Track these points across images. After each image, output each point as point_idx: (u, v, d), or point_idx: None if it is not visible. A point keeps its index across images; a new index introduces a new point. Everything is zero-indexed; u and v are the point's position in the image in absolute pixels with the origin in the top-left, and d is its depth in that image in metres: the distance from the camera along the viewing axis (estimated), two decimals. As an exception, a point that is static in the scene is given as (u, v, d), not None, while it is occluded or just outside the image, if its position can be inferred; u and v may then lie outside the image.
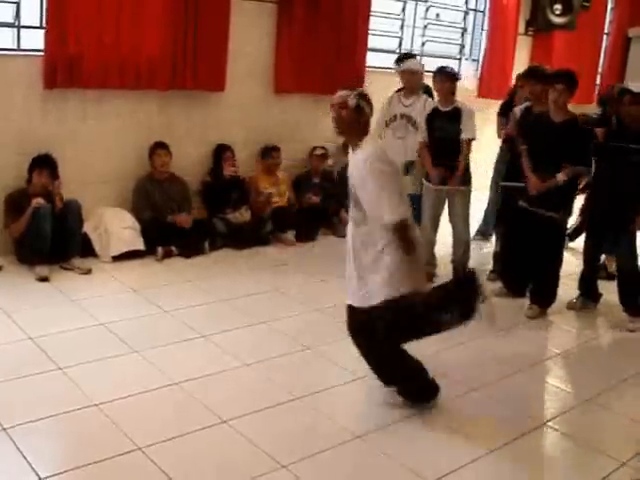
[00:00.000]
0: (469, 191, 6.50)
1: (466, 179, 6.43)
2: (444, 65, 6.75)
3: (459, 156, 6.27)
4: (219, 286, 6.04)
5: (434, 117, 6.37)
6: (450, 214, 6.57)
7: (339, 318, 5.49)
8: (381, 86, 7.63)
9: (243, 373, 4.52)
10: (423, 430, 4.05)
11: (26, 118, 6.25)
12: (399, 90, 7.23)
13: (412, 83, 6.79)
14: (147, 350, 4.65)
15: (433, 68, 6.73)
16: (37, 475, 3.28)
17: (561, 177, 5.56)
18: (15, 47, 6.23)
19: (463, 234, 6.62)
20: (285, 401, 4.19)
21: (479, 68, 10.07)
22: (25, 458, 3.40)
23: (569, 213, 5.82)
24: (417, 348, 4.25)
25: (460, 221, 6.56)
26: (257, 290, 6.02)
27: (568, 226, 6.39)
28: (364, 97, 4.25)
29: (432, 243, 6.61)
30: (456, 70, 6.69)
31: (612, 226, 5.81)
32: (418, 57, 8.91)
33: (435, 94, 6.78)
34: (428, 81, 6.90)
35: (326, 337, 5.16)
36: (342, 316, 5.54)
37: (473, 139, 6.33)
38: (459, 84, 6.52)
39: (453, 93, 6.39)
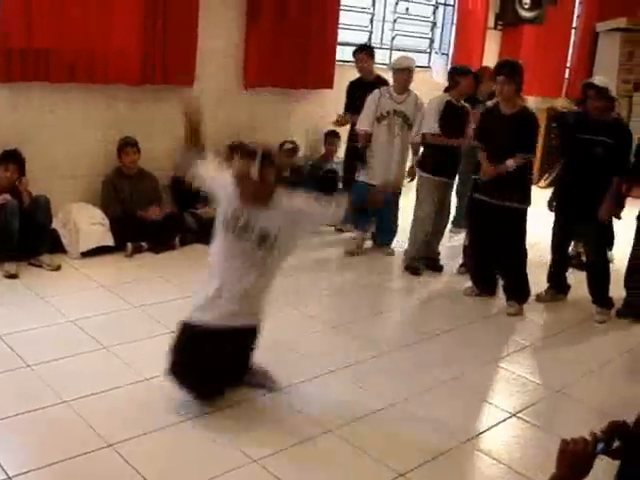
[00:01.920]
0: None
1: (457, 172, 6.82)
2: (464, 64, 7.00)
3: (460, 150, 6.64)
4: (189, 281, 5.96)
5: (449, 110, 6.47)
6: (440, 205, 6.73)
7: (311, 311, 5.55)
8: (348, 80, 7.68)
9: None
10: (395, 422, 4.07)
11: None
12: (353, 85, 7.34)
13: (406, 81, 6.80)
14: (116, 346, 4.62)
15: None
16: (6, 474, 3.25)
17: (510, 162, 5.62)
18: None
19: (443, 226, 6.93)
20: (259, 395, 4.19)
21: (448, 62, 10.10)
22: (-7, 456, 3.38)
23: (527, 203, 5.84)
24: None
25: (446, 213, 6.86)
26: (228, 285, 6.00)
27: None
28: (266, 161, 3.92)
29: (428, 234, 6.72)
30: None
31: (579, 218, 5.86)
32: (387, 51, 8.96)
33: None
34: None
35: (296, 332, 5.19)
36: (315, 310, 5.60)
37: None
38: (428, 77, 6.61)
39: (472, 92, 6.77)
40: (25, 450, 3.56)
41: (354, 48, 7.81)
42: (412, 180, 6.97)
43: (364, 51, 7.68)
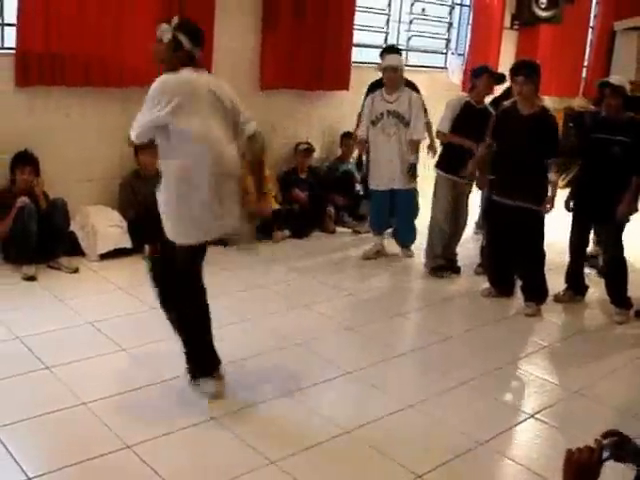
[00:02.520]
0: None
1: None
2: (487, 65, 6.96)
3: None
4: (207, 283, 6.01)
5: (467, 112, 6.46)
6: (457, 205, 6.69)
7: (325, 313, 5.55)
8: (367, 81, 7.66)
9: (230, 370, 4.51)
10: (413, 423, 4.06)
11: (8, 116, 6.22)
12: (373, 86, 7.26)
13: (394, 80, 6.74)
14: (135, 348, 4.64)
15: (420, 63, 6.79)
16: (26, 475, 3.27)
17: (554, 178, 5.63)
18: (-1, 45, 6.22)
19: (464, 225, 6.86)
20: (274, 397, 4.19)
21: (465, 62, 10.07)
22: (14, 458, 3.39)
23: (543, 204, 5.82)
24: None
25: (464, 213, 6.78)
26: (244, 287, 6.02)
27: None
28: (183, 29, 4.05)
29: (445, 234, 6.68)
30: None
31: (597, 218, 5.84)
32: (403, 52, 8.93)
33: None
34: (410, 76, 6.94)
35: (311, 333, 5.19)
36: (328, 311, 5.61)
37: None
38: (446, 77, 6.57)
39: (490, 93, 6.71)
40: (44, 451, 3.58)
41: (381, 49, 7.78)
42: (412, 178, 6.85)
43: (394, 52, 7.63)
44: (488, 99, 6.86)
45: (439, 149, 6.87)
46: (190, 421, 3.84)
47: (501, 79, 6.62)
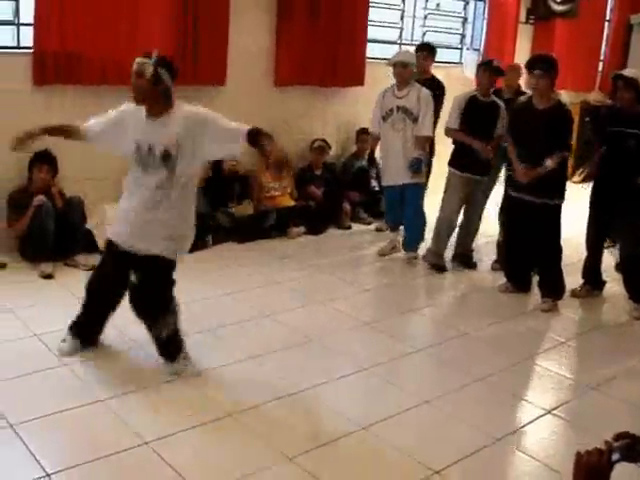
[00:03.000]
0: (492, 181, 6.68)
1: (490, 169, 6.60)
2: (491, 59, 6.89)
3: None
4: (222, 279, 6.06)
5: (474, 106, 6.38)
6: (469, 202, 6.63)
7: (341, 309, 5.56)
8: (382, 77, 7.63)
9: (247, 366, 4.53)
10: (430, 419, 4.06)
11: (26, 115, 6.24)
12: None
13: (403, 75, 6.67)
14: (151, 344, 4.65)
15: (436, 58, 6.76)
16: (44, 471, 3.29)
17: (549, 163, 5.56)
18: (15, 45, 6.23)
19: (477, 222, 6.77)
20: (290, 393, 4.20)
21: (480, 57, 10.03)
22: (32, 454, 3.41)
23: (562, 198, 5.79)
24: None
25: (477, 210, 6.70)
26: (260, 283, 6.03)
27: None
28: (164, 64, 4.06)
29: (450, 232, 6.67)
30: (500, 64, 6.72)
31: (614, 212, 5.81)
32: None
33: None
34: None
35: (327, 329, 5.19)
36: (344, 307, 5.61)
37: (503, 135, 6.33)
38: (461, 73, 6.53)
39: (493, 86, 6.53)
40: (62, 448, 3.61)
41: (416, 46, 7.80)
42: (416, 174, 6.69)
43: (425, 49, 7.64)
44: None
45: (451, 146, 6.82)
46: (207, 417, 3.85)
47: (499, 72, 6.50)
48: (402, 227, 7.20)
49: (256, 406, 4.02)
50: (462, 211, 6.70)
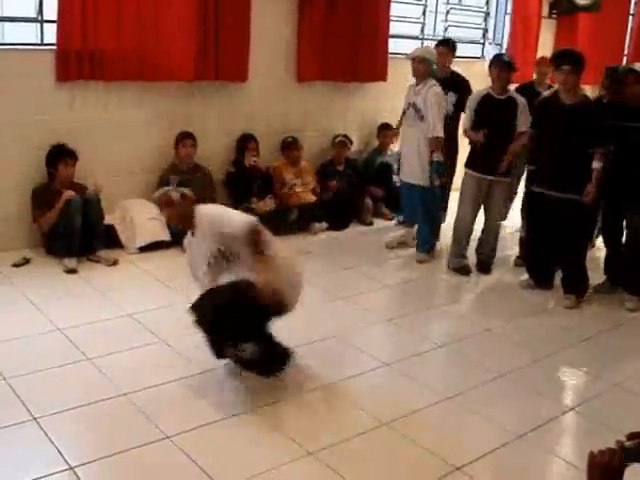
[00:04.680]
0: (509, 182, 6.55)
1: (509, 169, 6.42)
2: (501, 53, 6.76)
3: (509, 145, 6.20)
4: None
5: (488, 104, 6.26)
6: (487, 204, 6.49)
7: (363, 305, 5.56)
8: (404, 73, 7.61)
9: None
10: (452, 415, 4.06)
11: (50, 111, 6.30)
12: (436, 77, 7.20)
13: (418, 71, 6.56)
14: (174, 339, 4.68)
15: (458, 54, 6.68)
16: (68, 464, 3.33)
17: (597, 165, 5.51)
18: (39, 42, 6.28)
19: (496, 225, 6.61)
20: (312, 389, 4.23)
21: (503, 52, 9.98)
22: (56, 447, 3.45)
23: None
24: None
25: (496, 212, 6.54)
26: (283, 279, 6.03)
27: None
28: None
29: (469, 235, 6.56)
30: (512, 59, 6.57)
31: (626, 206, 5.77)
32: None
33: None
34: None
35: (350, 325, 5.19)
36: (367, 303, 5.61)
37: (527, 131, 6.23)
38: (483, 68, 6.45)
39: (509, 82, 6.34)
40: (85, 441, 3.64)
41: (437, 42, 7.73)
42: (436, 177, 6.56)
43: (444, 45, 7.57)
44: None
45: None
46: (229, 412, 3.87)
47: (510, 67, 6.27)
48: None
49: (277, 401, 4.04)
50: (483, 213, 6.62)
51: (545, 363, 4.82)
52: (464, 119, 6.47)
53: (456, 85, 7.29)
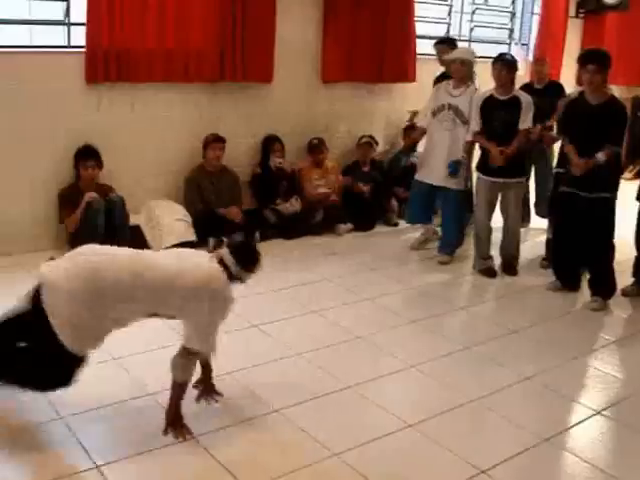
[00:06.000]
0: (523, 182, 6.45)
1: (522, 170, 6.41)
2: (504, 52, 6.68)
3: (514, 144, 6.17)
4: (270, 276, 6.05)
5: (490, 105, 6.23)
6: (503, 205, 6.48)
7: (388, 306, 5.55)
8: (429, 74, 7.61)
9: (295, 362, 4.56)
10: (477, 418, 4.04)
11: (78, 112, 6.35)
12: (442, 76, 7.16)
13: (460, 73, 6.52)
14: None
15: (484, 54, 6.61)
16: (94, 462, 3.35)
17: (600, 156, 5.46)
18: (66, 44, 6.33)
19: (514, 225, 6.55)
20: (337, 390, 4.21)
21: (529, 52, 9.93)
22: (82, 446, 3.48)
23: (616, 192, 5.70)
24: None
25: (512, 212, 6.48)
26: (307, 279, 6.05)
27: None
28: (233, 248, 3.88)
29: (488, 235, 6.52)
30: (515, 58, 6.47)
31: None
32: (465, 43, 8.84)
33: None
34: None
35: (375, 326, 5.19)
36: (391, 304, 5.60)
37: (530, 129, 6.23)
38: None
39: (512, 82, 6.29)
40: (111, 440, 3.66)
41: (435, 40, 7.70)
42: (452, 176, 6.54)
43: (445, 43, 7.55)
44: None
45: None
46: (254, 413, 3.88)
47: (512, 66, 6.22)
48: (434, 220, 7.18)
49: (302, 402, 4.04)
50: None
51: (572, 366, 4.79)
52: (471, 122, 6.39)
53: None
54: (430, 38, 8.56)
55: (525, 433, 3.89)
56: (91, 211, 5.99)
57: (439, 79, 7.24)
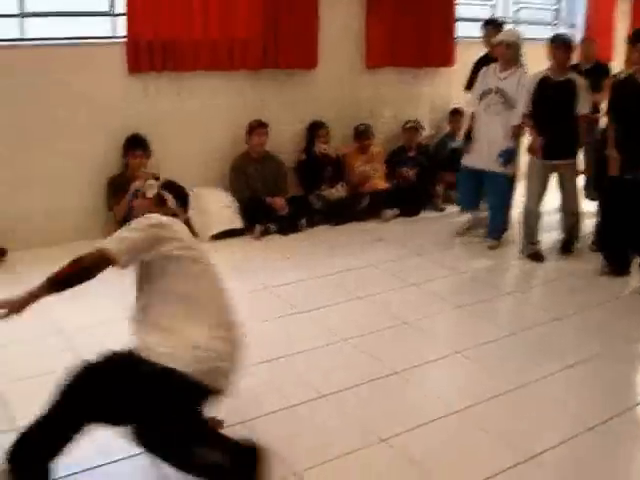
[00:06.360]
0: (576, 163, 6.41)
1: (574, 151, 6.33)
2: (560, 33, 6.60)
3: (569, 128, 6.09)
4: (316, 262, 6.11)
5: (544, 86, 6.14)
6: (560, 185, 6.41)
7: (435, 292, 5.53)
8: (473, 57, 7.54)
9: (342, 348, 4.57)
10: (523, 404, 4.02)
11: (123, 102, 6.43)
12: (484, 59, 7.09)
13: (506, 56, 6.41)
14: (251, 325, 4.72)
15: (528, 35, 6.52)
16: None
17: None
18: (111, 34, 6.41)
19: (572, 206, 6.49)
20: (383, 375, 4.22)
21: (576, 34, 9.77)
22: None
23: None
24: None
25: (569, 194, 6.42)
26: (353, 265, 6.06)
27: None
28: (171, 187, 3.56)
29: (537, 220, 6.47)
30: (571, 38, 6.38)
31: None
32: (511, 25, 8.74)
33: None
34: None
35: (422, 311, 5.18)
36: (438, 290, 5.58)
37: (589, 114, 6.16)
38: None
39: (568, 63, 6.22)
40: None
41: (482, 22, 7.63)
42: (505, 164, 6.47)
43: (491, 25, 7.47)
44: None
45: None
46: (299, 398, 3.90)
47: (568, 46, 6.11)
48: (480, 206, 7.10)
49: (349, 388, 4.05)
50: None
51: (621, 352, 4.71)
52: (522, 104, 6.28)
53: None
54: (474, 20, 8.49)
55: (573, 419, 3.86)
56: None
57: (480, 62, 7.19)
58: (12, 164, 6.07)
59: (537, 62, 6.33)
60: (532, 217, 6.42)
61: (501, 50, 6.47)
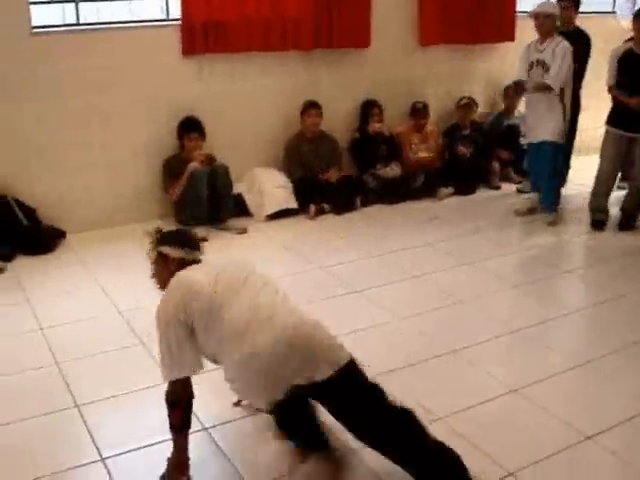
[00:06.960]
0: None
1: None
2: None
3: None
4: (371, 241, 6.10)
5: (628, 59, 6.10)
6: (627, 161, 6.38)
7: (491, 270, 5.48)
8: (530, 31, 7.39)
9: (397, 327, 4.56)
10: (582, 383, 3.97)
11: (177, 84, 6.47)
12: (562, 32, 6.96)
13: (545, 27, 6.35)
14: (301, 306, 4.73)
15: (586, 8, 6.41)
16: (99, 454, 3.29)
17: None
18: (165, 17, 6.45)
19: (638, 181, 6.41)
20: (440, 354, 4.20)
21: (637, 5, 9.54)
22: (91, 436, 3.42)
23: None
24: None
25: (638, 167, 6.34)
26: (409, 244, 6.03)
27: None
28: (164, 239, 3.34)
29: (609, 189, 6.44)
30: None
31: None
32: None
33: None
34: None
35: (478, 290, 5.14)
36: (494, 269, 5.53)
37: None
38: (614, 23, 6.20)
39: None
40: (122, 430, 3.53)
41: None
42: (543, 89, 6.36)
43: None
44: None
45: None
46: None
47: None
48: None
49: (406, 366, 4.05)
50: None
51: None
52: (607, 76, 6.26)
53: (580, 41, 6.99)
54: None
55: (632, 400, 3.78)
56: (195, 180, 6.11)
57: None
58: (71, 148, 6.17)
59: (600, 35, 6.23)
60: (602, 187, 6.42)
61: (539, 22, 6.40)
